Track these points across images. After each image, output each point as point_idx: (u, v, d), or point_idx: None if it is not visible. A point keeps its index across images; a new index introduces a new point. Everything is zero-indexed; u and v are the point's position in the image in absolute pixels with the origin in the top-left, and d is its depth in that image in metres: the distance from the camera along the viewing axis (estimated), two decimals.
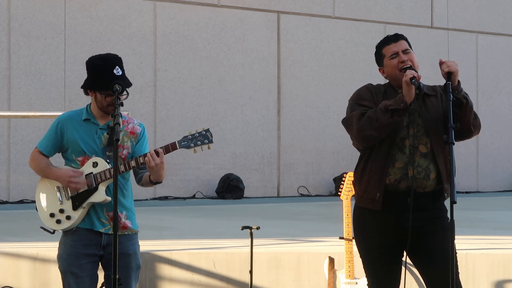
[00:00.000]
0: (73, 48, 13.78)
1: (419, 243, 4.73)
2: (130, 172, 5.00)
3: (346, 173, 6.85)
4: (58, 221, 4.88)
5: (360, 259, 4.91)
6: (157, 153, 4.80)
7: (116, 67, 4.84)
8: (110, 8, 14.18)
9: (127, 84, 4.85)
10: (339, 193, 6.78)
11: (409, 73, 4.62)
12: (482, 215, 11.75)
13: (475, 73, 17.71)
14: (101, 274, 4.99)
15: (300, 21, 15.91)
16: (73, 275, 4.85)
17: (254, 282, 6.84)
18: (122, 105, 4.77)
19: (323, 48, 16.12)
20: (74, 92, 13.66)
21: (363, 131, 4.67)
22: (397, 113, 4.61)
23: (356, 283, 6.72)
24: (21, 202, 13.09)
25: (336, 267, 6.86)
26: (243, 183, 14.76)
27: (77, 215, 4.86)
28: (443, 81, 4.79)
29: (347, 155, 15.87)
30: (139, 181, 5.02)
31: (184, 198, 14.52)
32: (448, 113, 4.55)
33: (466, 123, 4.68)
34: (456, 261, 4.67)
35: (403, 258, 4.88)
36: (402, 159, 4.69)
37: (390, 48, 4.82)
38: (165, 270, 7.26)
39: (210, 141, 4.88)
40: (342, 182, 6.77)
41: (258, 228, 6.58)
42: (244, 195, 14.76)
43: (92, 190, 4.85)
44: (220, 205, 13.39)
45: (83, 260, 4.86)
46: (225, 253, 7.39)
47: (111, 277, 4.81)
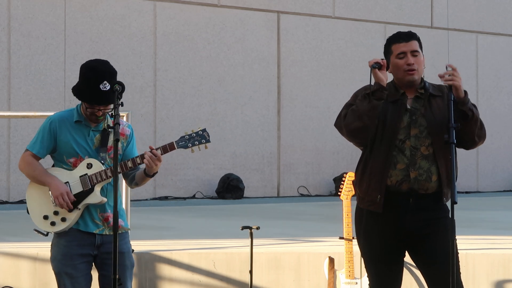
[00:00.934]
0: (73, 48, 13.78)
1: (421, 244, 4.72)
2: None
3: (346, 173, 6.85)
4: (53, 223, 4.84)
5: (362, 259, 4.90)
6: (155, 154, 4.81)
7: (104, 83, 4.74)
8: (110, 8, 14.18)
9: (110, 100, 4.74)
10: (339, 193, 6.78)
11: (372, 60, 4.67)
12: (482, 215, 11.75)
13: (475, 73, 17.71)
14: (96, 275, 4.98)
15: (300, 21, 15.91)
16: (68, 276, 4.83)
17: (254, 282, 6.84)
18: (122, 105, 4.76)
19: (323, 48, 16.12)
20: None
21: (349, 125, 4.67)
22: (374, 96, 4.60)
23: (356, 283, 6.72)
24: (21, 202, 13.08)
25: (336, 267, 6.86)
26: (243, 183, 14.76)
27: (73, 217, 4.84)
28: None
29: (347, 155, 15.87)
30: (131, 182, 5.00)
31: (184, 198, 14.52)
32: (449, 113, 4.55)
33: (470, 134, 4.65)
34: (458, 262, 4.67)
35: (405, 259, 4.88)
36: (403, 161, 4.68)
37: (400, 47, 4.77)
38: (165, 270, 7.26)
39: (207, 141, 4.89)
40: (342, 182, 6.77)
41: (258, 228, 6.58)
42: (244, 195, 14.76)
43: (88, 192, 4.83)
44: (220, 205, 13.38)
45: (77, 261, 4.85)
46: (225, 253, 7.39)
47: (106, 276, 4.82)
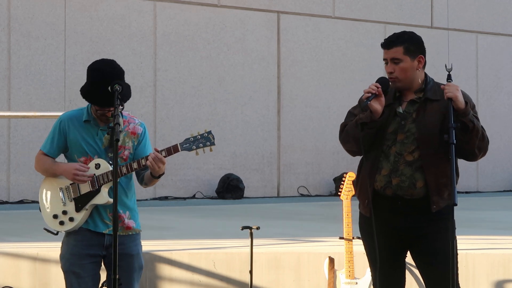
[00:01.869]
0: (73, 48, 13.77)
1: (420, 243, 4.72)
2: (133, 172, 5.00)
3: (346, 173, 6.85)
4: (61, 223, 4.88)
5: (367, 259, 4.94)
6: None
7: (112, 85, 4.72)
8: (110, 8, 14.18)
9: (122, 99, 4.75)
10: (339, 193, 6.78)
11: (366, 92, 4.58)
12: (482, 215, 11.74)
13: (475, 73, 17.71)
14: (103, 274, 4.99)
15: (300, 21, 15.90)
16: (75, 275, 4.86)
17: (254, 282, 6.84)
18: (123, 105, 4.77)
19: (323, 48, 16.12)
20: (74, 92, 13.65)
21: (345, 145, 4.83)
22: (367, 126, 4.63)
23: (356, 283, 6.72)
24: (21, 202, 13.09)
25: (336, 267, 6.86)
26: (243, 183, 14.76)
27: (80, 217, 4.86)
28: (444, 81, 4.79)
29: (347, 155, 15.66)
30: (142, 182, 5.02)
31: (184, 198, 14.52)
32: (449, 113, 4.53)
33: (471, 146, 4.59)
34: (457, 263, 4.66)
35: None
36: (387, 167, 4.68)
37: (384, 54, 4.76)
38: (165, 270, 7.26)
39: (212, 143, 4.86)
40: (342, 182, 6.78)
41: (258, 228, 6.58)
42: (244, 195, 14.76)
43: (95, 192, 4.85)
44: (220, 205, 13.38)
45: (86, 260, 4.87)
46: (225, 253, 7.39)
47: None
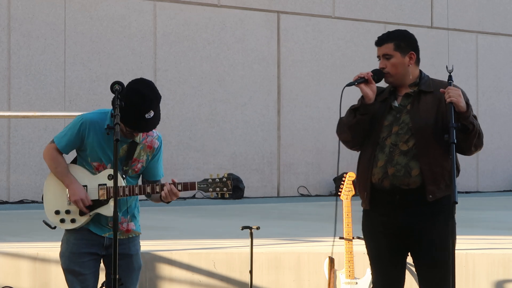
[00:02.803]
0: (73, 48, 13.77)
1: (419, 240, 4.73)
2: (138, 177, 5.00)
3: (346, 173, 6.85)
4: (62, 220, 4.86)
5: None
6: (173, 191, 4.80)
7: (150, 112, 4.69)
8: (110, 8, 14.18)
9: (153, 127, 4.78)
10: (339, 193, 6.78)
11: (356, 76, 4.79)
12: (482, 215, 11.74)
13: (475, 73, 17.71)
14: (102, 273, 5.00)
15: (300, 21, 15.90)
16: (76, 273, 4.86)
17: (254, 282, 6.84)
18: (123, 105, 4.75)
19: (323, 48, 16.12)
20: (74, 92, 13.66)
21: (340, 135, 4.95)
22: (358, 112, 4.76)
23: (356, 283, 6.72)
24: (21, 202, 13.09)
25: (336, 267, 6.86)
26: (243, 183, 14.76)
27: (82, 221, 4.85)
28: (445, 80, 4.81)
29: (347, 155, 15.74)
30: (148, 196, 4.99)
31: (184, 198, 14.50)
32: (449, 113, 4.55)
33: (468, 145, 4.67)
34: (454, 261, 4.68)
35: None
36: (383, 158, 4.75)
37: (377, 51, 4.91)
38: (165, 270, 7.25)
39: (229, 190, 4.88)
40: (342, 182, 6.78)
41: (258, 228, 6.58)
42: (244, 195, 14.75)
43: (103, 202, 4.82)
44: (220, 205, 13.38)
45: (86, 258, 4.87)
46: (225, 253, 7.39)
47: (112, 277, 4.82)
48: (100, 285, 4.99)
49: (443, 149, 4.62)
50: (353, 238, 6.71)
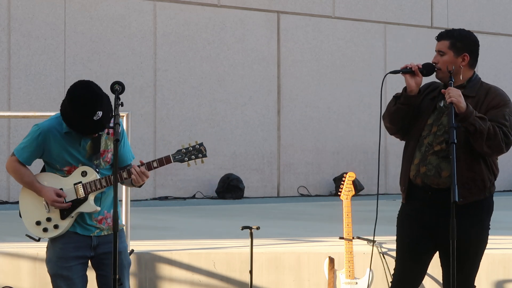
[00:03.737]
0: (73, 48, 13.77)
1: (446, 238, 4.70)
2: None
3: (346, 173, 6.85)
4: (45, 230, 4.82)
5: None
6: (147, 166, 4.77)
7: (96, 113, 4.62)
8: (110, 8, 14.18)
9: (104, 127, 4.68)
10: (339, 193, 6.78)
11: (404, 65, 4.85)
12: None
13: None
14: (91, 275, 4.97)
15: (300, 21, 15.90)
16: (64, 278, 4.81)
17: (254, 282, 6.84)
18: (122, 105, 4.75)
19: (323, 48, 16.12)
20: None
21: (383, 120, 5.01)
22: (399, 100, 4.84)
23: (356, 283, 6.72)
24: None
25: (336, 267, 6.86)
26: (243, 183, 14.76)
27: (65, 224, 4.81)
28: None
29: (347, 155, 15.86)
30: (122, 182, 4.95)
31: (184, 198, 14.51)
32: (450, 114, 4.58)
33: (478, 147, 4.73)
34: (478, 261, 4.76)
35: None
36: (418, 156, 4.86)
37: (435, 46, 4.98)
38: (165, 270, 7.25)
39: (204, 155, 4.94)
40: (342, 182, 6.78)
41: (258, 228, 6.58)
42: (244, 195, 14.76)
43: (82, 200, 4.79)
44: (220, 205, 13.38)
45: (73, 262, 4.82)
46: (225, 253, 7.39)
47: (104, 277, 4.80)
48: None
49: (476, 154, 4.74)
50: (353, 238, 6.72)
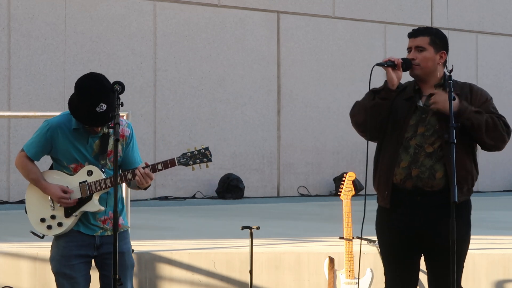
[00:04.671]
0: (73, 48, 13.77)
1: (433, 241, 4.72)
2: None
3: (346, 173, 6.85)
4: (49, 227, 4.84)
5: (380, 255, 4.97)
6: (152, 168, 4.77)
7: (100, 105, 4.66)
8: (110, 8, 14.18)
9: (108, 120, 4.67)
10: (339, 193, 6.78)
11: (387, 58, 4.73)
12: (482, 215, 11.74)
13: (475, 73, 17.71)
14: (95, 275, 4.98)
15: (300, 21, 15.90)
16: (66, 277, 4.83)
17: (254, 282, 6.84)
18: (122, 105, 4.75)
19: (323, 48, 16.12)
20: None
21: (353, 117, 4.82)
22: (379, 95, 4.69)
23: (356, 283, 6.72)
24: (21, 202, 13.07)
25: (336, 267, 6.86)
26: (243, 183, 14.76)
27: (69, 222, 4.83)
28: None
29: (347, 155, 15.86)
30: (129, 185, 4.99)
31: (184, 198, 14.51)
32: (450, 113, 4.56)
33: (479, 139, 4.70)
34: (463, 261, 4.71)
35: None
36: (407, 159, 4.72)
37: (409, 43, 4.88)
38: (165, 270, 7.25)
39: (209, 160, 4.89)
40: (342, 182, 6.77)
41: (258, 228, 6.58)
42: (244, 195, 14.76)
43: (86, 199, 4.81)
44: (220, 205, 13.38)
45: (76, 261, 4.84)
46: (225, 253, 7.39)
47: (107, 277, 4.81)
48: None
49: (467, 152, 4.67)
50: (353, 238, 6.71)
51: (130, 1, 14.37)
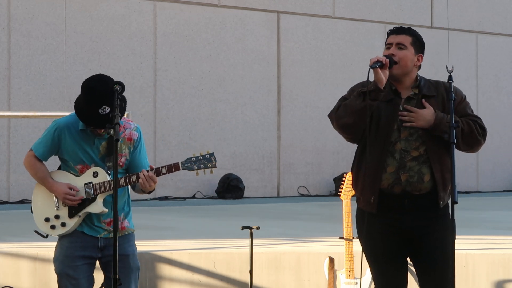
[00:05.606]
0: (73, 48, 13.77)
1: (420, 242, 4.72)
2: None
3: (346, 173, 6.84)
4: (53, 227, 4.86)
5: (366, 259, 4.88)
6: (156, 172, 4.77)
7: (103, 107, 4.67)
8: (110, 8, 14.18)
9: (110, 122, 4.62)
10: (339, 193, 6.78)
11: (374, 58, 4.63)
12: (482, 215, 11.74)
13: (475, 73, 17.71)
14: (100, 276, 4.98)
15: (300, 21, 15.90)
16: (69, 277, 4.83)
17: (254, 282, 6.84)
18: (124, 105, 4.74)
19: (323, 48, 16.12)
20: (74, 92, 13.61)
21: (340, 119, 4.77)
22: (369, 96, 4.59)
23: (356, 283, 6.72)
24: (21, 202, 13.08)
25: (336, 267, 6.86)
26: (243, 183, 14.76)
27: (73, 223, 4.84)
28: (444, 80, 4.81)
29: (347, 155, 15.85)
30: (134, 188, 4.99)
31: (184, 198, 14.51)
32: (450, 113, 4.55)
33: (457, 148, 4.61)
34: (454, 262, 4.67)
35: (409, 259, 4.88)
36: (393, 164, 4.67)
37: (389, 39, 4.82)
38: (165, 270, 7.26)
39: (213, 166, 4.84)
40: (342, 182, 6.77)
41: (258, 228, 6.57)
42: (244, 195, 14.76)
43: (90, 200, 4.82)
44: (220, 205, 13.38)
45: (79, 262, 4.84)
46: (225, 253, 7.39)
47: (112, 278, 4.80)
48: (100, 287, 4.98)
49: (450, 154, 4.58)
50: (353, 238, 6.70)
51: (130, 1, 14.37)
